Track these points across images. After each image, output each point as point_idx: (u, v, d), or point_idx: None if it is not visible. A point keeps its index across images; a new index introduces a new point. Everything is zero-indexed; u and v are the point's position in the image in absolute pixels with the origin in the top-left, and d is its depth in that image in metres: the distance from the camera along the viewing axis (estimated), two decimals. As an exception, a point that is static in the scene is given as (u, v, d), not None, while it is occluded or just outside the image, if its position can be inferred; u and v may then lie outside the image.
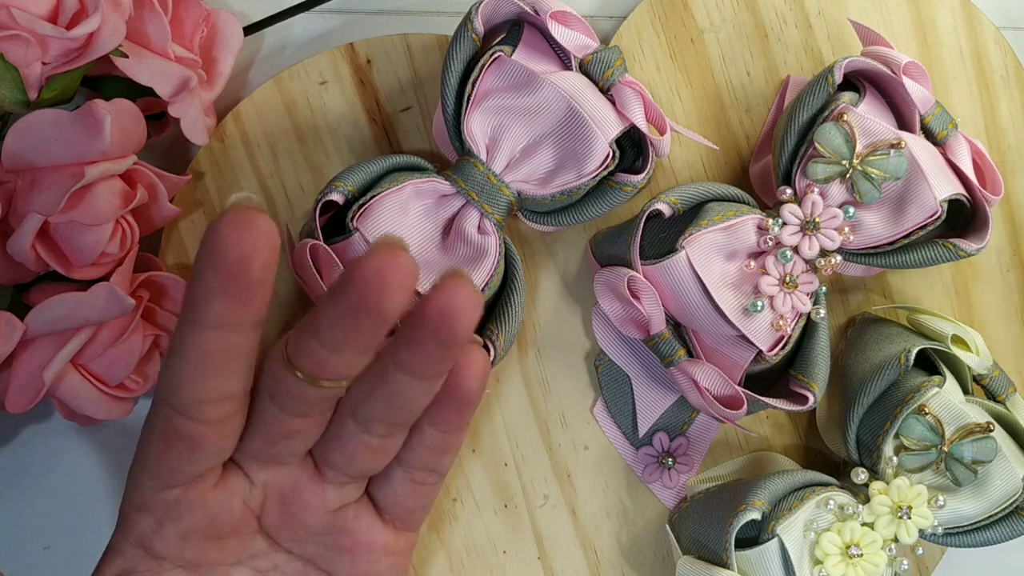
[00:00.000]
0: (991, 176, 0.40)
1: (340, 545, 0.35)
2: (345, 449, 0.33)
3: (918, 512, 0.39)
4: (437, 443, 0.34)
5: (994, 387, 0.41)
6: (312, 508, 0.35)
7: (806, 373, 0.40)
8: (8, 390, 0.39)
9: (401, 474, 0.35)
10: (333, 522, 0.35)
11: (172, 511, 0.33)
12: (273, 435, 0.33)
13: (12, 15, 0.33)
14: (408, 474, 0.35)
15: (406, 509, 0.36)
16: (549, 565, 0.43)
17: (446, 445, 0.35)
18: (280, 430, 0.32)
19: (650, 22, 0.43)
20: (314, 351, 0.29)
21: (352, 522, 0.35)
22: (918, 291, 0.45)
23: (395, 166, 0.39)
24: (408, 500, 0.36)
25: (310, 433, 0.33)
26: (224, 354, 0.29)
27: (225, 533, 0.34)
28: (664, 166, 0.43)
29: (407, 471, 0.35)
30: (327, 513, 0.35)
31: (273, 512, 0.35)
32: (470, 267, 0.38)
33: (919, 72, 0.39)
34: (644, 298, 0.39)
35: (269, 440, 0.33)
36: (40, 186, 0.36)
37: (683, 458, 0.43)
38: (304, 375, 0.30)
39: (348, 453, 0.33)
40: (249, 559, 0.35)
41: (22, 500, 0.44)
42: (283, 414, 0.32)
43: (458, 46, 0.37)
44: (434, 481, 0.36)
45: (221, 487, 0.33)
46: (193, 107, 0.38)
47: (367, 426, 0.33)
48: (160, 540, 0.33)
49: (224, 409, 0.31)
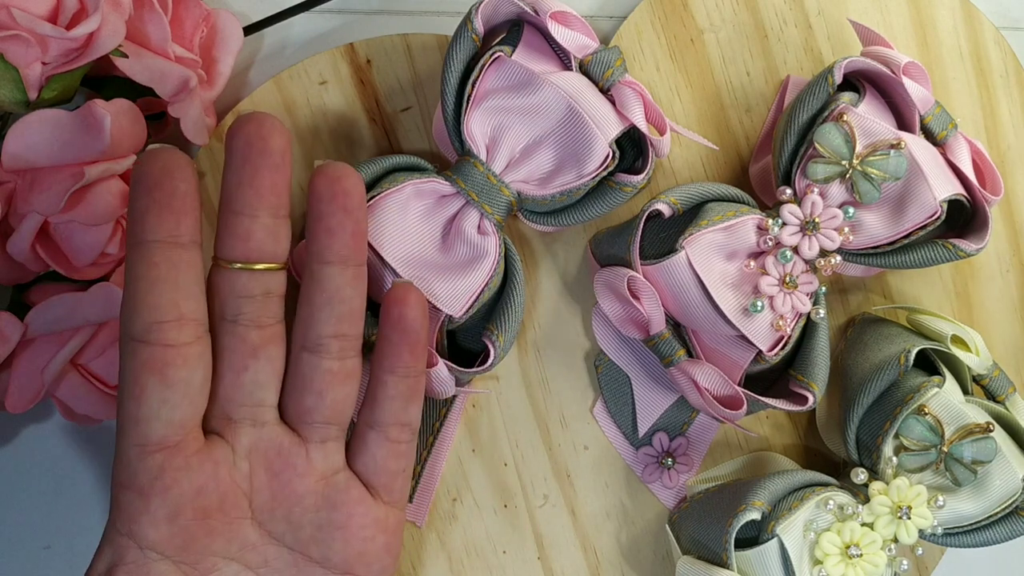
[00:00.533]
0: (991, 176, 0.40)
1: (334, 522, 0.36)
2: (312, 384, 0.35)
3: (918, 512, 0.39)
4: (401, 391, 0.36)
5: (994, 387, 0.41)
6: (300, 473, 0.35)
7: (806, 373, 0.40)
8: (8, 390, 0.39)
9: (374, 435, 0.36)
10: (325, 494, 0.35)
11: (157, 482, 0.33)
12: (237, 359, 0.34)
13: (12, 15, 0.33)
14: (382, 432, 0.36)
15: (389, 473, 0.36)
16: (549, 565, 0.43)
17: (409, 392, 0.36)
18: (241, 348, 0.34)
19: (650, 22, 0.43)
20: (232, 224, 0.33)
21: (344, 494, 0.36)
22: (918, 291, 0.45)
23: (395, 166, 0.39)
24: (388, 461, 0.36)
25: (271, 355, 0.34)
26: (168, 266, 0.32)
27: (213, 508, 0.34)
28: (664, 166, 0.43)
29: (379, 430, 0.36)
30: (317, 480, 0.35)
31: (263, 487, 0.35)
32: (470, 267, 0.38)
33: (919, 72, 0.39)
34: (644, 298, 0.39)
35: (236, 368, 0.34)
36: (40, 186, 0.36)
37: (683, 458, 0.43)
38: (239, 262, 0.33)
39: (316, 388, 0.35)
40: (239, 552, 0.35)
41: (22, 500, 0.44)
42: (238, 327, 0.34)
43: (458, 46, 0.37)
44: (408, 437, 0.37)
45: (204, 454, 0.34)
46: (193, 107, 0.38)
47: (321, 348, 0.34)
48: (149, 520, 0.33)
49: (183, 330, 0.33)
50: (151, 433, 0.33)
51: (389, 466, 0.36)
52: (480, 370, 0.39)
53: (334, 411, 0.35)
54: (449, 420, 0.42)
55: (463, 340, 0.40)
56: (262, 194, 0.33)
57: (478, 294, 0.38)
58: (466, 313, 0.38)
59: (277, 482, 0.35)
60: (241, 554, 0.35)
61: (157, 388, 0.32)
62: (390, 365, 0.35)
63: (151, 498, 0.33)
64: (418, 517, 0.43)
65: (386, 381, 0.36)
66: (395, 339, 0.35)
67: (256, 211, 0.33)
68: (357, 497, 0.36)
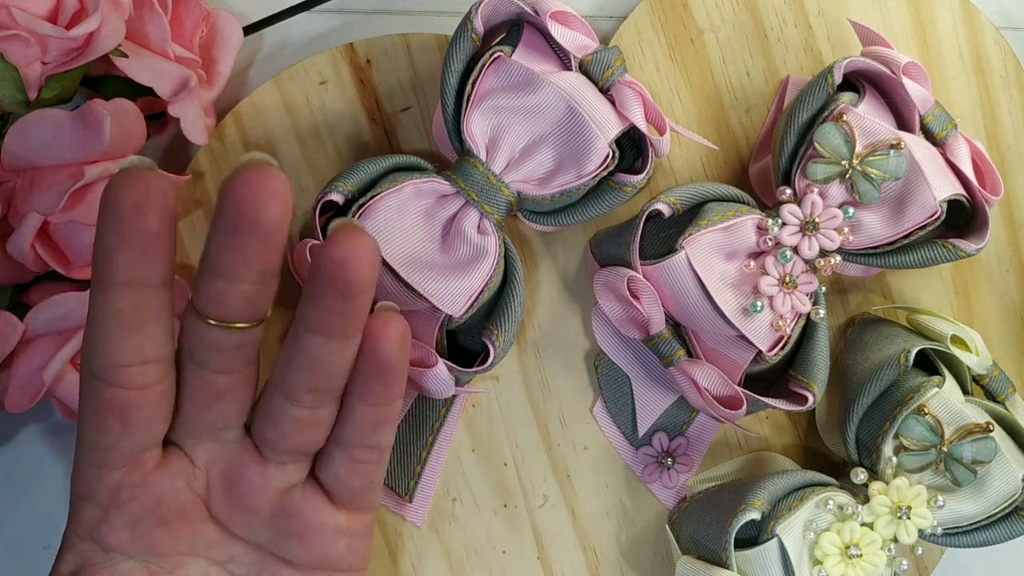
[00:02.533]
0: (991, 176, 0.40)
1: (291, 530, 0.35)
2: (277, 424, 0.33)
3: (917, 512, 0.39)
4: (369, 418, 0.34)
5: (994, 387, 0.41)
6: (256, 489, 0.34)
7: (806, 373, 0.40)
8: (8, 390, 0.39)
9: (340, 454, 0.35)
10: (281, 505, 0.35)
11: (116, 497, 0.33)
12: (200, 398, 0.33)
13: (12, 15, 0.33)
14: (347, 452, 0.35)
15: (352, 489, 0.35)
16: (549, 565, 0.43)
17: (379, 419, 0.34)
18: (206, 390, 0.32)
19: (650, 22, 0.43)
20: (211, 285, 0.30)
21: (299, 504, 0.35)
22: (918, 291, 0.45)
23: (395, 166, 0.39)
24: (352, 480, 0.35)
25: (237, 395, 0.33)
26: (135, 312, 0.30)
27: (173, 517, 0.34)
28: (664, 166, 0.43)
29: (345, 450, 0.34)
30: (273, 494, 0.35)
31: (219, 497, 0.34)
32: (470, 267, 0.38)
33: (919, 72, 0.39)
34: (644, 298, 0.39)
35: (199, 405, 0.33)
36: (40, 186, 0.36)
37: (683, 458, 0.43)
38: (213, 319, 0.31)
39: (281, 429, 0.33)
40: (204, 549, 0.34)
41: (22, 500, 0.44)
42: (205, 372, 0.32)
43: (458, 46, 0.37)
44: (375, 459, 0.35)
45: (163, 469, 0.33)
46: (193, 107, 0.38)
47: (293, 397, 0.33)
48: (109, 529, 0.33)
49: (147, 373, 0.31)
50: (108, 460, 0.32)
51: (352, 483, 0.35)
52: (480, 370, 0.39)
53: (296, 448, 0.34)
54: (449, 420, 0.42)
55: (463, 340, 0.40)
56: (248, 263, 0.30)
57: (478, 294, 0.38)
58: (466, 313, 0.38)
59: (232, 495, 0.34)
60: (206, 551, 0.34)
61: (116, 426, 0.32)
62: (360, 393, 0.33)
63: (110, 510, 0.33)
64: (418, 517, 0.43)
65: (355, 406, 0.34)
66: (367, 372, 0.33)
67: (238, 278, 0.30)
68: (315, 506, 0.35)
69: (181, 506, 0.34)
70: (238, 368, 0.32)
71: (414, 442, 0.42)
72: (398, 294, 0.38)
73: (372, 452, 0.35)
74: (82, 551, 0.33)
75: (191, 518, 0.34)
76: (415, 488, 0.42)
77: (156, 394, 0.32)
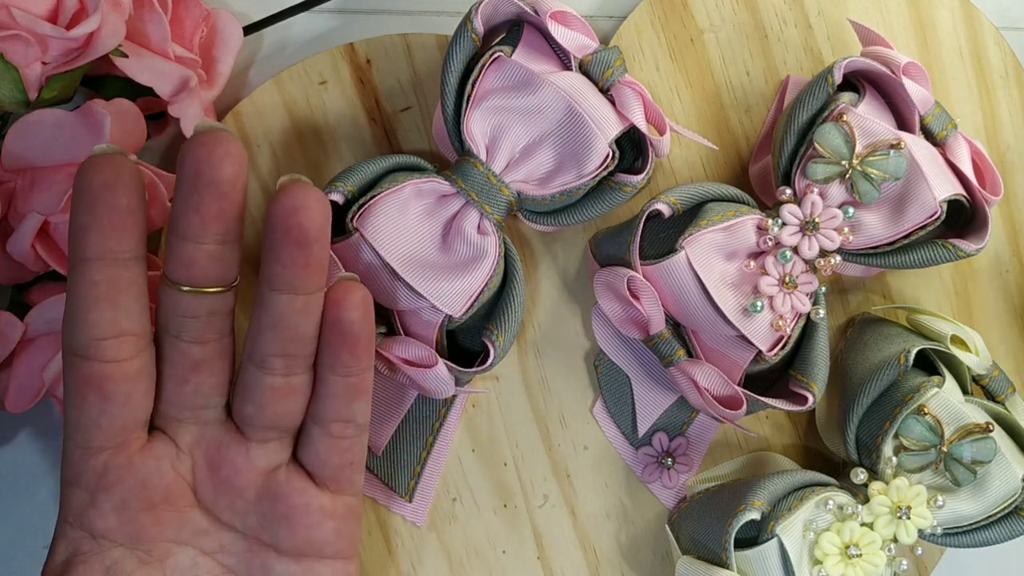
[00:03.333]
0: (991, 176, 0.40)
1: (277, 513, 0.35)
2: (253, 396, 0.34)
3: (917, 512, 0.39)
4: (342, 389, 0.35)
5: (993, 387, 0.41)
6: (240, 469, 0.35)
7: (806, 373, 0.40)
8: (8, 390, 0.39)
9: (317, 431, 0.35)
10: (266, 486, 0.35)
11: (102, 479, 0.33)
12: (178, 371, 0.34)
13: (12, 15, 0.33)
14: (324, 429, 0.35)
15: (333, 467, 0.36)
16: (548, 565, 0.43)
17: (352, 390, 0.35)
18: (182, 362, 0.33)
19: (650, 22, 0.43)
20: (178, 250, 0.32)
21: (284, 486, 0.35)
22: (918, 291, 0.45)
23: (395, 166, 0.39)
24: (331, 456, 0.36)
25: (214, 367, 0.34)
26: (110, 284, 0.32)
27: (159, 501, 0.34)
28: (664, 166, 0.43)
29: (322, 426, 0.35)
30: (258, 475, 0.35)
31: (205, 480, 0.35)
32: (470, 267, 0.38)
33: (919, 72, 0.39)
34: (644, 298, 0.39)
35: (177, 379, 0.34)
36: (40, 186, 0.36)
37: (683, 458, 0.43)
38: (184, 284, 0.32)
39: (257, 400, 0.34)
40: (192, 538, 0.35)
41: (22, 500, 0.44)
42: (180, 342, 0.33)
43: (458, 46, 0.37)
44: (352, 433, 0.36)
45: (147, 452, 0.34)
46: (193, 107, 0.39)
47: (265, 364, 0.34)
48: (97, 513, 0.33)
49: (123, 346, 0.32)
50: (92, 439, 0.33)
51: (332, 460, 0.36)
52: (480, 370, 0.39)
53: (275, 421, 0.35)
54: (449, 420, 0.42)
55: (463, 340, 0.40)
56: (207, 222, 0.31)
57: (478, 294, 0.38)
58: (466, 313, 0.38)
59: (217, 477, 0.35)
60: (194, 539, 0.35)
61: (96, 401, 0.32)
62: (330, 364, 0.34)
63: (97, 494, 0.33)
64: (418, 517, 0.43)
65: (327, 379, 0.35)
66: (333, 340, 0.34)
67: (201, 238, 0.32)
68: (299, 488, 0.36)
69: (167, 489, 0.34)
70: (212, 338, 0.34)
71: (414, 442, 0.42)
72: (398, 294, 0.38)
73: (349, 426, 0.36)
74: (73, 539, 0.34)
75: (178, 503, 0.35)
76: (415, 488, 0.42)
77: (134, 368, 0.33)
